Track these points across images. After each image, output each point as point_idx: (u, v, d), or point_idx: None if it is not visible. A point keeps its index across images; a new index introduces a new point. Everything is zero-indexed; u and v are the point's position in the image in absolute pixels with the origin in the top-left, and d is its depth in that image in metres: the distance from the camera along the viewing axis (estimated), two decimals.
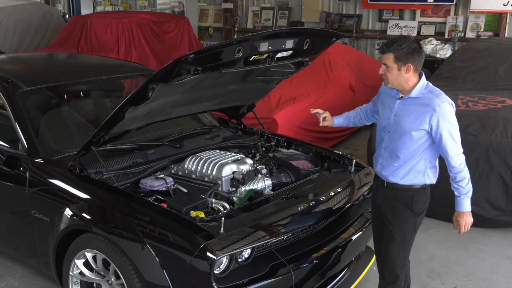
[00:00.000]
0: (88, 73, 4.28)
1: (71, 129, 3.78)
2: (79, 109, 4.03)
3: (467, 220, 2.93)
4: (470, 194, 2.89)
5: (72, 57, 5.85)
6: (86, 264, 3.00)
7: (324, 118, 3.33)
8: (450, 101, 2.83)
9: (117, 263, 2.77)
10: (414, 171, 2.90)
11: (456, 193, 2.89)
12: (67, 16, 12.67)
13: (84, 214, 2.94)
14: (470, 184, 2.88)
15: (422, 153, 2.88)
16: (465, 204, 2.89)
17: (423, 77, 2.87)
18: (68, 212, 2.98)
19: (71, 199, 3.04)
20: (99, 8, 13.27)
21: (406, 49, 2.75)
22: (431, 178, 2.95)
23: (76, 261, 3.01)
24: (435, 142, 2.84)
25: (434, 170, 2.96)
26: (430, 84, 2.91)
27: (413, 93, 2.85)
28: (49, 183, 3.19)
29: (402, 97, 2.90)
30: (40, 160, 3.29)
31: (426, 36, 9.06)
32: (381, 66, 2.85)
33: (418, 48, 2.78)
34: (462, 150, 2.85)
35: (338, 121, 3.38)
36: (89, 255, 2.96)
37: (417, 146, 2.87)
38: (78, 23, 8.94)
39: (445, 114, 2.77)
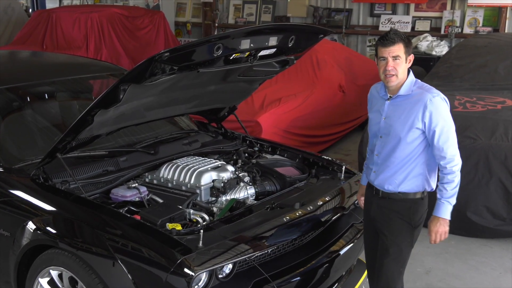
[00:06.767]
0: (53, 72, 4.25)
1: (34, 134, 3.75)
2: (44, 112, 4.00)
3: (440, 228, 2.87)
4: (452, 201, 2.86)
5: (36, 56, 5.81)
6: (51, 283, 2.97)
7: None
8: (443, 96, 2.87)
9: (85, 281, 2.74)
10: (412, 176, 2.92)
11: (438, 195, 2.87)
12: (30, 10, 12.57)
13: (48, 228, 2.91)
14: (456, 190, 2.85)
15: (419, 156, 2.90)
16: (444, 210, 2.86)
17: (411, 73, 2.92)
18: (31, 225, 2.95)
19: (34, 212, 3.01)
20: (65, 2, 13.17)
21: (408, 38, 2.85)
22: (430, 183, 2.96)
23: (40, 279, 2.98)
24: (429, 141, 2.86)
25: (434, 174, 2.97)
26: (419, 80, 2.96)
27: (402, 91, 2.89)
28: (10, 194, 3.15)
29: (390, 97, 2.94)
30: (0, 169, 3.25)
31: (421, 32, 9.16)
32: (387, 62, 2.80)
33: None
34: (458, 152, 2.85)
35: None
36: (54, 273, 2.93)
37: (413, 149, 2.89)
38: (42, 18, 8.88)
39: (438, 109, 2.80)
